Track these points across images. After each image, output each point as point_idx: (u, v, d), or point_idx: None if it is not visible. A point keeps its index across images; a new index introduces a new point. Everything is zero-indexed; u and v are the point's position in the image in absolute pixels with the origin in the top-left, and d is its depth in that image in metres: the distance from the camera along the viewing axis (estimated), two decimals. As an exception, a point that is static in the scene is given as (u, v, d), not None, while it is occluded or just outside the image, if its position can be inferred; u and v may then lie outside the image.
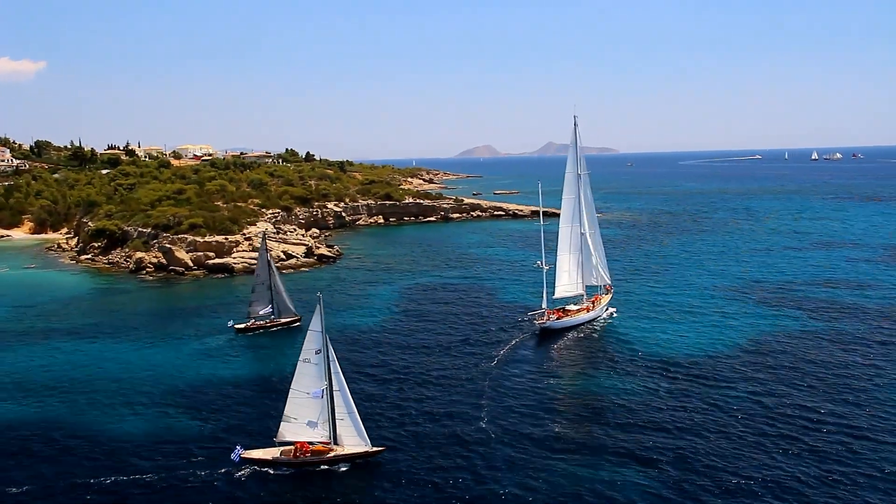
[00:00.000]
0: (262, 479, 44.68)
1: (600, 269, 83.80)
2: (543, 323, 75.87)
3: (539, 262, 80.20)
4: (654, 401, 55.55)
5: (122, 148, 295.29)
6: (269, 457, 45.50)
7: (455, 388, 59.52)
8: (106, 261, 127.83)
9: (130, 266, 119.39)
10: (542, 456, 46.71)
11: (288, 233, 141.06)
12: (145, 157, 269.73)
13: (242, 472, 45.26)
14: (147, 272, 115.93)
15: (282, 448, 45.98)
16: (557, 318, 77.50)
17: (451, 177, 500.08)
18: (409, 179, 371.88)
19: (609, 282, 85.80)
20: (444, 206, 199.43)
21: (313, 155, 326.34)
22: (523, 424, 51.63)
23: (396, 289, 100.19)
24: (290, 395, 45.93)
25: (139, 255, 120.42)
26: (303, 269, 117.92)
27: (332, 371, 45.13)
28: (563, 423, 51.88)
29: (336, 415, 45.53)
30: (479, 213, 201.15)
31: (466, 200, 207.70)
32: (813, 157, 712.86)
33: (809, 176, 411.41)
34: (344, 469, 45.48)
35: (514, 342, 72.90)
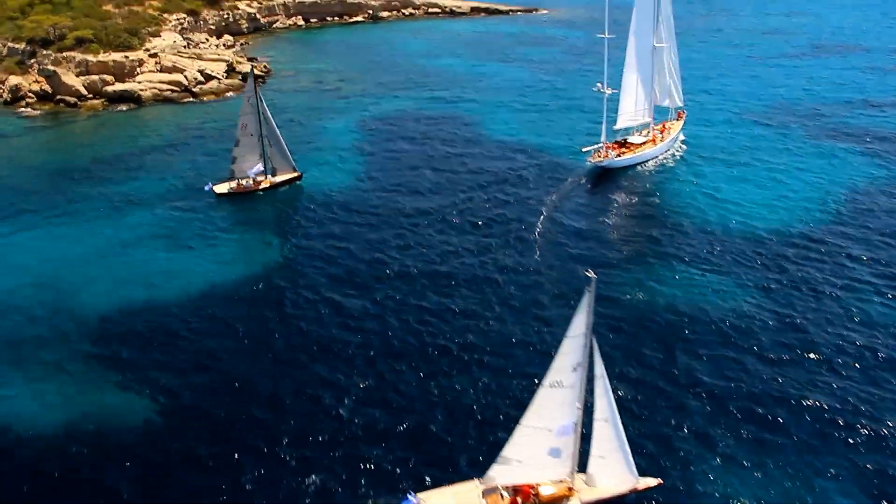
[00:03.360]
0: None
1: (673, 91, 67.06)
2: (601, 161, 59.75)
3: (599, 85, 62.96)
4: (740, 291, 40.62)
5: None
6: None
7: (480, 288, 42.90)
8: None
9: (3, 95, 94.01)
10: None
11: (201, 45, 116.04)
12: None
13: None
14: (28, 104, 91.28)
15: (484, 488, 27.24)
16: (617, 156, 61.19)
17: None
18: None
19: (681, 105, 69.22)
20: (372, 3, 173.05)
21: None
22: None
23: (357, 121, 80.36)
24: (517, 432, 26.68)
25: (14, 80, 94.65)
26: (228, 94, 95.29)
27: (596, 391, 26.38)
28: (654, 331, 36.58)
29: (594, 450, 27.37)
30: (413, 11, 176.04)
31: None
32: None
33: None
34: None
35: (553, 195, 56.34)
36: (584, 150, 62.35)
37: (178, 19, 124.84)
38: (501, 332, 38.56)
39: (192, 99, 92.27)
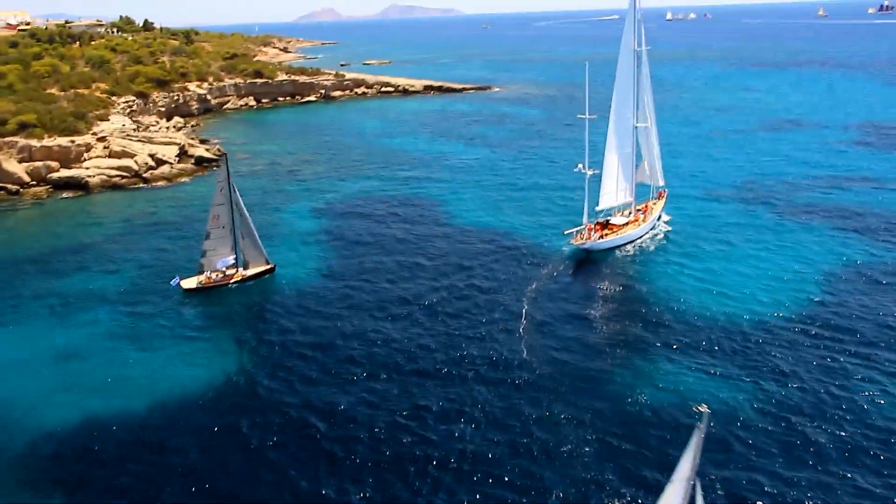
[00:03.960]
0: None
1: (655, 170, 66.72)
2: (583, 244, 58.34)
3: (580, 165, 61.94)
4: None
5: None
6: None
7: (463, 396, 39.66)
8: None
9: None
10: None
11: (151, 128, 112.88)
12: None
13: None
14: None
15: None
16: (600, 238, 59.96)
17: (305, 44, 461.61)
18: (264, 49, 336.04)
19: (662, 184, 68.69)
20: (324, 83, 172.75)
21: (152, 23, 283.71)
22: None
23: (316, 205, 77.48)
24: None
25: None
26: (180, 179, 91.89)
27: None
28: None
29: None
30: (365, 90, 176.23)
31: (348, 76, 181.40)
32: (668, 17, 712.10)
33: (681, 37, 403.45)
34: None
35: (533, 284, 53.80)
36: (566, 232, 60.61)
37: (126, 102, 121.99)
38: (487, 442, 35.29)
39: (143, 185, 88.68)
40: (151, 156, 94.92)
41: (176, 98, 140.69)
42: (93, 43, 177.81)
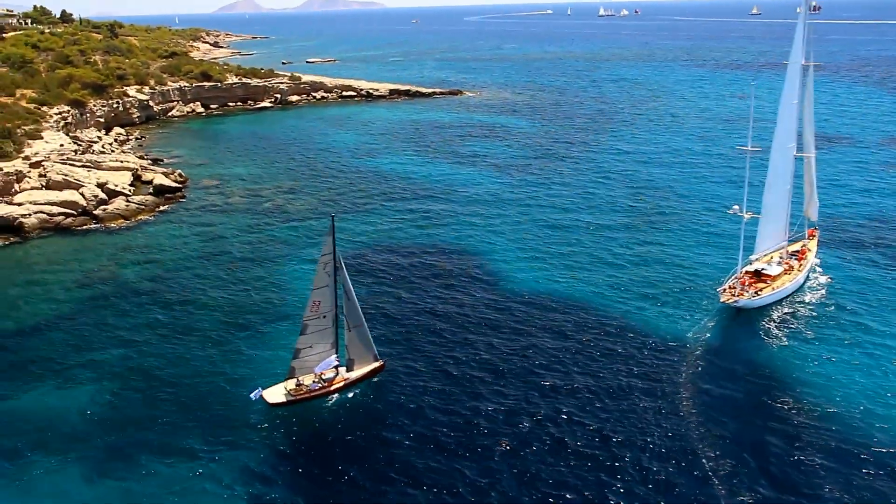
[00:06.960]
0: None
1: (814, 204, 56.15)
2: (735, 301, 46.84)
3: (736, 207, 50.93)
4: None
5: None
6: None
7: None
8: None
9: None
10: None
11: (94, 146, 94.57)
12: None
13: None
14: None
15: None
16: (755, 294, 48.06)
17: (235, 38, 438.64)
18: (194, 44, 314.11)
19: (815, 220, 57.56)
20: (280, 86, 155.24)
21: (71, 14, 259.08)
22: None
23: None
24: None
25: None
26: (141, 216, 74.03)
27: None
28: None
29: None
30: (325, 95, 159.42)
31: (304, 78, 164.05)
32: (600, 13, 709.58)
33: (623, 35, 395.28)
34: None
35: (666, 371, 39.25)
36: (719, 289, 48.56)
37: (59, 113, 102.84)
38: None
39: (94, 225, 70.99)
40: (101, 186, 77.25)
41: (115, 105, 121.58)
42: (6, 37, 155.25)
